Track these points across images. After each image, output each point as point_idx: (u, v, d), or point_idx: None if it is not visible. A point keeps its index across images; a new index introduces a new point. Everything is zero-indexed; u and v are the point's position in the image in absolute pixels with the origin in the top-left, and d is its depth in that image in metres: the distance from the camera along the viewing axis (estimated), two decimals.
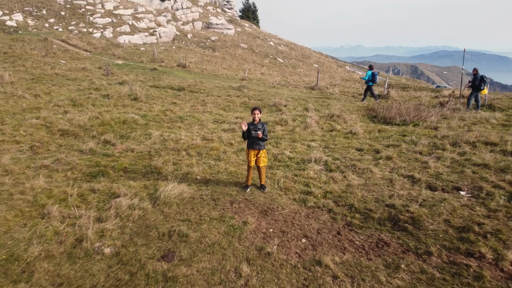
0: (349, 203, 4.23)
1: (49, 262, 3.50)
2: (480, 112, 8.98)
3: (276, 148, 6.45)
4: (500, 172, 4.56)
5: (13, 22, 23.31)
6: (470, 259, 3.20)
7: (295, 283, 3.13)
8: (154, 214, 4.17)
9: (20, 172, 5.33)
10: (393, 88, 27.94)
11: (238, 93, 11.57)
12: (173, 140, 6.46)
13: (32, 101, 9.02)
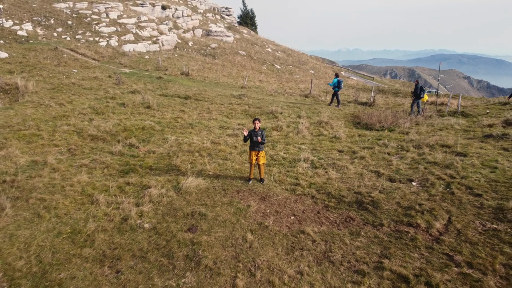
0: (327, 191, 5.51)
1: (104, 234, 4.74)
2: (440, 118, 10.32)
3: (272, 150, 7.72)
4: (445, 168, 5.84)
5: (23, 31, 24.54)
6: (410, 228, 4.47)
7: (285, 245, 4.39)
8: (179, 200, 5.41)
9: (65, 169, 6.57)
10: (384, 94, 29.37)
11: (239, 101, 12.86)
12: (186, 143, 7.72)
13: (59, 110, 10.25)
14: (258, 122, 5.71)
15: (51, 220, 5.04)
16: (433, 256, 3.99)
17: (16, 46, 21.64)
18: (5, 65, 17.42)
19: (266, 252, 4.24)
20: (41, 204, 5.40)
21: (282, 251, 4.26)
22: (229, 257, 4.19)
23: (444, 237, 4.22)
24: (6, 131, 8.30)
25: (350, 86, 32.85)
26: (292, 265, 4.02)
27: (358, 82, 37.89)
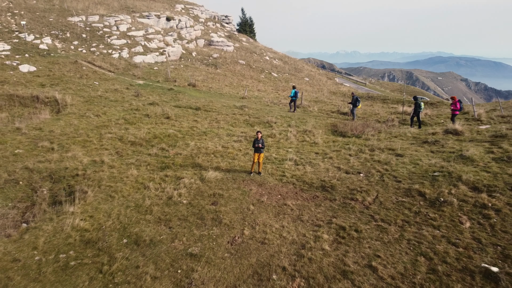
0: (303, 180, 8.11)
1: (157, 207, 7.32)
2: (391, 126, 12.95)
3: (267, 152, 10.31)
4: (384, 164, 8.44)
5: (44, 45, 27.07)
6: (352, 201, 7.08)
7: (274, 212, 6.98)
8: (203, 186, 8.00)
9: (119, 166, 9.14)
10: (373, 100, 31.97)
11: (240, 111, 15.48)
12: (204, 147, 10.31)
13: (98, 120, 12.83)
14: (260, 133, 8.31)
15: (119, 199, 7.62)
16: (362, 216, 6.59)
17: (40, 59, 24.20)
18: (36, 79, 19.98)
19: (262, 216, 6.84)
20: (110, 189, 7.98)
21: (272, 215, 6.86)
22: (238, 219, 6.78)
23: (371, 206, 6.83)
24: (65, 138, 10.88)
25: (342, 94, 35.53)
26: (277, 222, 6.62)
27: (350, 88, 40.57)
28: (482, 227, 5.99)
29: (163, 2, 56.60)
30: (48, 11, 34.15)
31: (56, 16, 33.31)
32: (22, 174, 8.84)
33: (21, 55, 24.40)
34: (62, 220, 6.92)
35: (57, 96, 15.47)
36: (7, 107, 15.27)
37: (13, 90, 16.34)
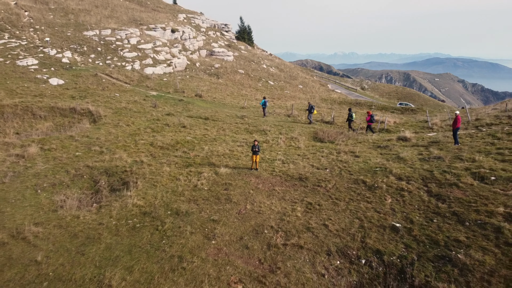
0: (287, 174, 11.56)
1: (187, 192, 10.75)
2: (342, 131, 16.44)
3: (262, 154, 13.75)
4: (344, 162, 11.91)
5: (66, 59, 30.45)
6: (318, 187, 10.52)
7: (266, 194, 10.42)
8: (218, 178, 11.42)
9: (155, 165, 12.54)
10: (360, 107, 35.34)
11: (241, 121, 18.94)
12: (215, 151, 13.75)
13: (130, 129, 16.25)
14: (256, 141, 11.74)
15: (160, 187, 11.04)
16: (324, 196, 10.05)
17: (65, 72, 27.57)
18: (66, 91, 23.37)
19: (258, 197, 10.27)
20: (152, 180, 11.40)
21: (265, 196, 10.30)
22: (242, 199, 10.22)
23: (330, 190, 10.29)
24: (109, 144, 14.29)
25: (332, 100, 39.10)
26: (268, 200, 10.06)
27: (341, 95, 44.07)
28: (398, 202, 9.46)
29: (166, 12, 60.21)
30: (66, 26, 37.55)
31: (73, 30, 36.71)
32: (85, 170, 12.25)
33: (48, 68, 27.77)
34: (124, 200, 10.33)
35: (90, 108, 18.88)
36: (50, 118, 18.67)
37: (53, 102, 19.73)
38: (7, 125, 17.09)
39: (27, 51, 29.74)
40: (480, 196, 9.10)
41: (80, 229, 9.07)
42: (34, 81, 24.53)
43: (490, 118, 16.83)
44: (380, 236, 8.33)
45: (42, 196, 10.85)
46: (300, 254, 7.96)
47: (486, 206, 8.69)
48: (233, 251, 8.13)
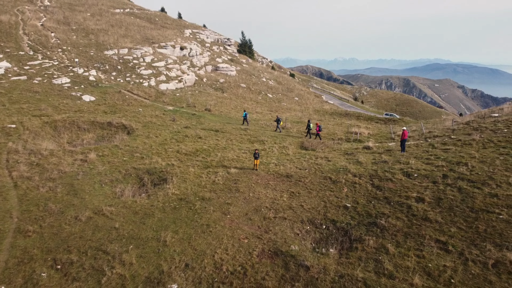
0: (279, 173, 16.22)
1: (208, 185, 15.44)
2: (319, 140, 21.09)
3: (261, 159, 18.40)
4: (319, 165, 16.53)
5: (92, 77, 35.27)
6: (299, 181, 15.18)
7: (263, 186, 15.10)
8: (229, 176, 16.09)
9: (183, 167, 17.23)
10: (348, 118, 39.98)
11: (245, 133, 23.63)
12: (226, 157, 18.41)
13: (158, 139, 20.94)
14: (256, 150, 16.42)
15: (189, 182, 15.70)
16: (302, 188, 14.70)
17: (94, 90, 32.37)
18: (98, 107, 28.12)
19: (258, 188, 14.93)
20: (182, 177, 16.06)
21: (262, 188, 14.95)
22: (247, 189, 14.88)
23: (307, 183, 14.93)
24: (146, 151, 18.98)
25: (324, 112, 43.89)
26: (265, 190, 14.71)
27: (332, 106, 48.83)
28: (351, 191, 14.11)
29: (174, 28, 65.42)
30: (88, 46, 42.52)
31: (95, 50, 41.65)
32: (132, 171, 16.92)
33: (79, 86, 32.59)
34: (165, 190, 14.96)
35: (124, 122, 23.62)
36: (92, 130, 23.40)
37: (92, 117, 24.49)
38: (60, 136, 21.80)
39: (59, 70, 34.61)
40: (404, 186, 13.76)
41: (139, 209, 13.71)
42: (70, 98, 29.30)
43: (439, 131, 21.55)
44: (336, 211, 12.98)
45: (106, 188, 15.50)
46: (284, 222, 12.59)
47: (406, 192, 13.35)
48: (241, 222, 12.75)
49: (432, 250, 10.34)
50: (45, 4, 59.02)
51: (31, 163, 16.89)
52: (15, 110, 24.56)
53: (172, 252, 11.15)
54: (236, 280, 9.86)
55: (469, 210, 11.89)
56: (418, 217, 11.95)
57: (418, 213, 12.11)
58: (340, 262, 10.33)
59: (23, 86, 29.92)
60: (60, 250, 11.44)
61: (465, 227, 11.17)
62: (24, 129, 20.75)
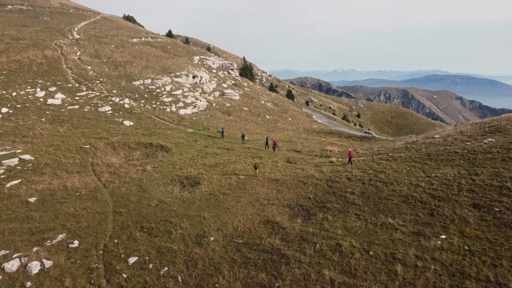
0: (270, 178, 25.34)
1: (226, 185, 24.58)
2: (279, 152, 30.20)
3: (259, 170, 27.50)
4: (296, 173, 25.60)
5: (126, 105, 44.57)
6: (283, 183, 24.30)
7: (261, 186, 24.25)
8: (240, 180, 25.19)
9: (208, 174, 26.36)
10: (332, 136, 49.25)
11: (248, 151, 32.77)
12: (237, 168, 27.53)
13: (188, 156, 30.09)
14: (256, 163, 25.57)
15: (214, 183, 24.80)
16: (285, 187, 23.78)
17: (130, 116, 41.68)
18: (137, 131, 37.34)
19: (257, 188, 24.02)
20: (209, 181, 25.17)
21: (260, 187, 24.05)
22: (251, 188, 23.97)
23: (288, 184, 24.03)
24: (181, 164, 28.12)
25: (313, 131, 53.22)
26: (262, 189, 23.80)
27: (320, 125, 58.06)
28: (314, 189, 23.20)
29: (184, 56, 75.55)
30: (119, 78, 52.16)
31: (125, 81, 51.26)
32: (175, 177, 25.98)
33: (118, 113, 41.93)
34: (199, 189, 24.01)
35: (161, 143, 32.82)
36: (138, 149, 32.57)
37: (137, 139, 33.69)
38: (119, 153, 30.97)
39: (101, 100, 44.04)
40: (345, 186, 22.86)
41: (185, 199, 22.75)
42: (115, 123, 38.57)
43: (385, 149, 30.72)
44: (303, 200, 22.06)
45: (161, 188, 24.55)
46: (273, 206, 21.63)
47: (345, 189, 22.42)
48: (247, 206, 21.78)
49: (351, 219, 19.37)
50: (76, 37, 69.17)
51: (110, 172, 26.04)
52: (80, 133, 33.81)
53: (208, 222, 20.14)
54: (245, 235, 18.83)
55: (377, 198, 20.98)
56: (349, 202, 21.03)
57: (349, 200, 21.20)
58: (302, 225, 19.34)
59: (78, 113, 39.26)
60: (144, 222, 20.43)
61: (373, 207, 20.23)
62: (95, 149, 29.95)
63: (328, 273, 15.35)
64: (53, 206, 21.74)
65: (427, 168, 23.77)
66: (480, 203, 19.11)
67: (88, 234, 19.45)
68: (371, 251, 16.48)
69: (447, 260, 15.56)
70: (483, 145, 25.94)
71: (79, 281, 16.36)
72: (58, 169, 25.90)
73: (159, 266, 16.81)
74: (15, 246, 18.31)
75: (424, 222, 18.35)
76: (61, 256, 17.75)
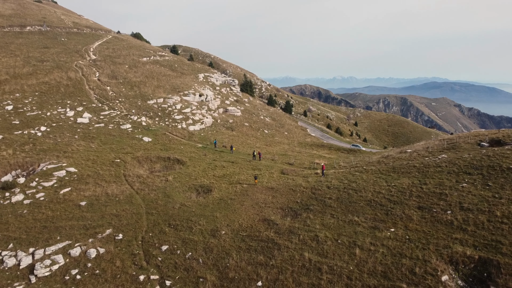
0: (267, 186, 32.00)
1: (233, 192, 31.24)
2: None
3: (258, 180, 34.11)
4: (288, 182, 32.25)
5: (143, 122, 51.32)
6: (277, 190, 30.98)
7: (259, 193, 30.90)
8: (243, 188, 31.83)
9: (217, 183, 33.01)
10: (323, 149, 56.07)
11: (249, 163, 39.44)
12: (241, 178, 34.16)
13: (200, 168, 36.79)
14: (255, 174, 32.21)
15: (223, 190, 31.42)
16: (278, 193, 30.42)
17: (148, 132, 48.45)
18: (155, 146, 44.06)
19: (256, 194, 30.66)
20: (219, 188, 31.79)
21: (259, 193, 30.67)
22: (252, 194, 30.60)
23: (281, 191, 30.67)
24: (196, 175, 34.79)
25: (306, 144, 59.98)
26: (260, 195, 30.43)
27: (313, 139, 64.76)
28: (301, 195, 29.83)
29: (190, 74, 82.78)
30: (135, 97, 59.11)
31: (141, 100, 58.19)
32: (192, 186, 32.61)
33: (137, 130, 48.70)
34: (212, 195, 30.62)
35: (177, 157, 39.52)
36: (158, 162, 39.25)
37: (156, 153, 40.39)
38: (143, 166, 37.63)
39: (122, 118, 50.87)
40: (325, 192, 29.50)
41: (201, 203, 29.37)
42: (136, 139, 45.31)
43: (362, 162, 37.37)
44: (292, 204, 28.71)
45: (182, 194, 31.14)
46: (269, 208, 28.26)
47: (325, 195, 29.10)
48: (249, 209, 28.41)
49: (327, 217, 25.96)
50: (92, 58, 76.45)
51: (139, 181, 32.68)
52: (109, 149, 40.52)
53: (220, 220, 26.69)
54: (248, 229, 25.38)
55: (348, 202, 27.60)
56: (327, 205, 27.64)
57: (327, 204, 27.81)
58: (291, 222, 25.90)
59: (104, 131, 46.03)
60: (170, 220, 26.99)
61: (344, 209, 26.83)
62: (125, 162, 36.64)
63: (307, 255, 21.86)
64: (100, 208, 28.34)
65: (390, 179, 30.47)
66: (423, 206, 25.74)
67: (129, 229, 25.97)
68: (339, 240, 23.03)
69: (392, 245, 22.10)
70: (436, 160, 32.67)
71: (126, 263, 22.83)
72: (98, 179, 32.56)
73: (185, 252, 23.31)
74: (75, 238, 24.83)
75: (380, 219, 24.92)
76: (111, 245, 24.25)
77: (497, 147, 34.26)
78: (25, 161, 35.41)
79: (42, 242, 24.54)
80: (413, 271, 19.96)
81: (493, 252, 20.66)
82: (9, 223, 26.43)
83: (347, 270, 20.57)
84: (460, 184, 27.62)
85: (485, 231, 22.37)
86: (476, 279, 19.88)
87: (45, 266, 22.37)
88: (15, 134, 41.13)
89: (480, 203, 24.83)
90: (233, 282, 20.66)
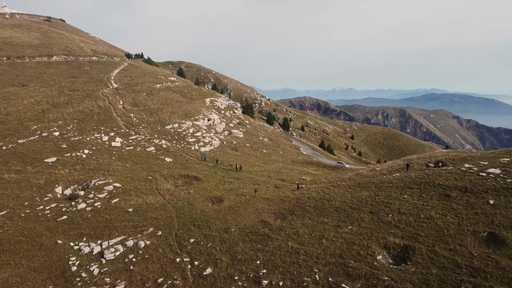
0: (264, 197, 43.03)
1: (239, 201, 42.29)
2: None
3: (257, 192, 45.11)
4: (279, 194, 43.26)
5: (163, 145, 62.51)
6: (272, 200, 42.08)
7: (258, 202, 41.95)
8: (246, 199, 42.88)
9: (227, 195, 44.07)
10: (311, 165, 67.30)
11: (250, 179, 50.48)
12: (244, 191, 45.19)
13: (213, 183, 47.88)
14: (255, 188, 43.27)
15: (232, 199, 42.47)
16: (272, 202, 41.51)
17: (168, 153, 59.67)
18: (175, 165, 55.20)
19: (256, 203, 41.68)
20: (229, 198, 42.84)
21: (258, 203, 41.70)
22: (253, 203, 41.62)
23: (274, 201, 41.73)
24: (210, 189, 45.88)
25: (298, 161, 71.09)
26: (260, 204, 41.45)
27: (305, 157, 75.66)
28: (288, 204, 40.86)
29: (198, 99, 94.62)
30: (155, 123, 70.60)
31: (160, 126, 69.65)
32: (208, 197, 43.64)
33: (159, 152, 59.93)
34: (224, 204, 41.61)
35: (194, 174, 50.69)
36: (179, 178, 50.40)
37: (178, 171, 51.55)
38: (169, 182, 48.70)
39: (147, 142, 62.21)
40: (306, 202, 40.54)
41: (216, 209, 40.37)
42: (159, 159, 56.51)
43: (338, 179, 48.45)
44: (282, 210, 39.74)
45: (201, 203, 42.13)
46: (265, 213, 39.27)
47: (305, 204, 40.14)
48: (251, 213, 39.39)
49: (306, 219, 36.95)
50: (115, 87, 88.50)
51: (169, 194, 43.73)
52: (140, 168, 51.71)
53: (231, 221, 37.68)
54: (250, 227, 36.34)
55: (322, 209, 38.62)
56: (306, 211, 38.64)
57: (307, 210, 38.81)
58: (280, 223, 36.85)
59: (133, 153, 57.28)
60: (194, 222, 38.06)
61: (318, 213, 37.84)
62: (155, 179, 47.74)
63: (291, 244, 32.70)
64: (142, 213, 39.31)
65: (354, 191, 41.54)
66: (373, 211, 36.72)
67: (165, 228, 36.86)
68: (312, 234, 33.92)
69: (348, 237, 32.93)
70: (391, 178, 43.81)
71: (166, 250, 33.60)
72: (138, 192, 43.63)
73: (206, 243, 34.13)
74: (128, 234, 35.73)
75: (342, 220, 35.86)
76: (153, 239, 35.10)
77: (438, 168, 45.42)
78: (80, 178, 46.56)
79: (105, 236, 35.42)
80: (359, 253, 30.62)
81: (413, 240, 31.46)
82: (80, 223, 37.38)
83: (316, 253, 31.29)
84: (403, 195, 38.66)
85: (411, 227, 33.23)
86: (400, 258, 30.63)
87: (111, 252, 33.18)
88: (66, 156, 52.37)
89: (412, 209, 35.77)
90: (240, 262, 31.37)
